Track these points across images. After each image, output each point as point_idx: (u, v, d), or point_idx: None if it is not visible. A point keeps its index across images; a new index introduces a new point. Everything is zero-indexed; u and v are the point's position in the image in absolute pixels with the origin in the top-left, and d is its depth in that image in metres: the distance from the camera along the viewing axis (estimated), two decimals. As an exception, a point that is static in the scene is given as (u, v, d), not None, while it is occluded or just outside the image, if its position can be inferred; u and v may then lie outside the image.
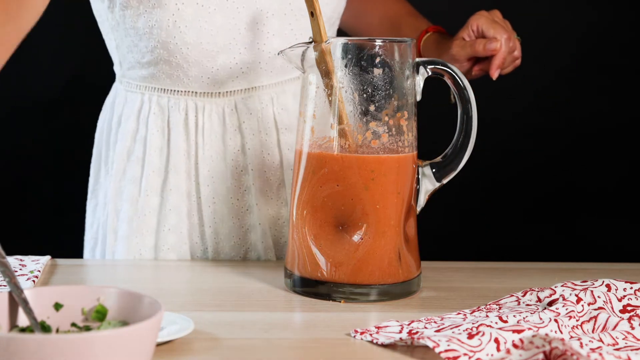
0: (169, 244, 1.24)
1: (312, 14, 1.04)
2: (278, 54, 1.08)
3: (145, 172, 1.25)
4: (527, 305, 0.99)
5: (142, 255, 1.25)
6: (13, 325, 0.80)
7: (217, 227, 1.26)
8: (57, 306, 0.81)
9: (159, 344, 0.86)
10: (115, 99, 1.32)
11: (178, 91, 1.25)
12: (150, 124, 1.26)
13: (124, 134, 1.28)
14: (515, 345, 0.84)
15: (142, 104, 1.27)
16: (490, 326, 0.88)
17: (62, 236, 1.92)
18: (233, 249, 1.26)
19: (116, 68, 1.32)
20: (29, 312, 0.79)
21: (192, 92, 1.25)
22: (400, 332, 0.90)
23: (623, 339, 0.88)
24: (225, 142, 1.25)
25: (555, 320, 0.89)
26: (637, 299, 0.98)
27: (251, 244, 1.26)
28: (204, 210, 1.26)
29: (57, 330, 0.81)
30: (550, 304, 0.98)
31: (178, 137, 1.25)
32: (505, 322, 0.90)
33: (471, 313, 0.97)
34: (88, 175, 1.38)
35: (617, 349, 0.86)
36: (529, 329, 0.86)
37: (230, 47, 1.22)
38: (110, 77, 1.78)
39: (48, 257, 1.16)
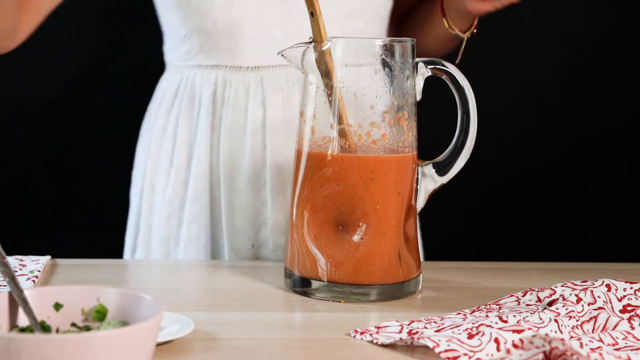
0: (192, 215, 1.29)
1: (312, 14, 1.04)
2: (278, 53, 1.08)
3: (177, 147, 1.31)
4: (527, 305, 0.99)
5: (171, 224, 1.30)
6: (13, 325, 0.80)
7: (233, 200, 1.29)
8: (57, 306, 0.81)
9: (159, 344, 0.86)
10: (160, 85, 1.40)
11: (210, 65, 1.30)
12: (184, 100, 1.32)
13: (162, 112, 1.35)
14: (515, 345, 0.84)
15: (179, 83, 1.34)
16: (490, 326, 0.88)
17: (62, 236, 1.93)
18: (247, 222, 1.29)
19: (166, 57, 1.39)
20: (29, 312, 0.79)
21: (223, 65, 1.29)
22: (400, 332, 0.90)
23: (623, 339, 0.88)
24: (247, 115, 1.27)
25: (555, 320, 0.89)
26: (637, 299, 0.98)
27: (264, 220, 1.28)
28: (221, 179, 1.29)
29: (57, 330, 0.81)
30: (550, 304, 0.98)
31: (207, 110, 1.30)
32: (505, 322, 0.90)
33: (471, 313, 0.97)
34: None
35: (617, 349, 0.86)
36: (529, 329, 0.86)
37: (258, 18, 1.26)
38: (112, 77, 1.78)
39: (48, 257, 1.16)
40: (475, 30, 1.33)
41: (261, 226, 1.28)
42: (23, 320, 0.80)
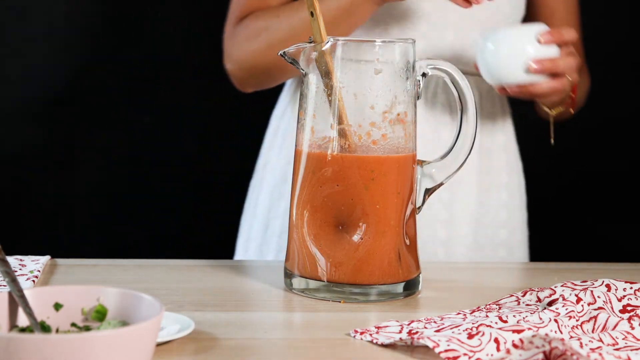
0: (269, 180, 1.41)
1: (312, 14, 1.04)
2: (278, 53, 1.08)
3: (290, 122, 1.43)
4: (527, 305, 0.99)
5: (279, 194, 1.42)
6: (13, 325, 0.80)
7: None
8: (57, 306, 0.81)
9: (159, 344, 0.87)
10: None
11: None
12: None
13: (282, 97, 1.49)
14: (515, 345, 0.84)
15: None
16: (490, 326, 0.88)
17: (62, 236, 1.93)
18: None
19: None
20: (29, 312, 0.79)
21: None
22: (400, 332, 0.90)
23: (623, 339, 0.88)
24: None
25: (555, 320, 0.89)
26: (637, 299, 0.98)
27: None
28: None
29: (57, 330, 0.81)
30: (550, 304, 0.98)
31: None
32: (505, 322, 0.90)
33: (471, 313, 0.97)
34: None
35: (617, 349, 0.86)
36: (529, 329, 0.86)
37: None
38: (111, 77, 1.77)
39: (48, 257, 1.16)
40: (565, 109, 1.36)
41: None
42: (23, 320, 0.80)
